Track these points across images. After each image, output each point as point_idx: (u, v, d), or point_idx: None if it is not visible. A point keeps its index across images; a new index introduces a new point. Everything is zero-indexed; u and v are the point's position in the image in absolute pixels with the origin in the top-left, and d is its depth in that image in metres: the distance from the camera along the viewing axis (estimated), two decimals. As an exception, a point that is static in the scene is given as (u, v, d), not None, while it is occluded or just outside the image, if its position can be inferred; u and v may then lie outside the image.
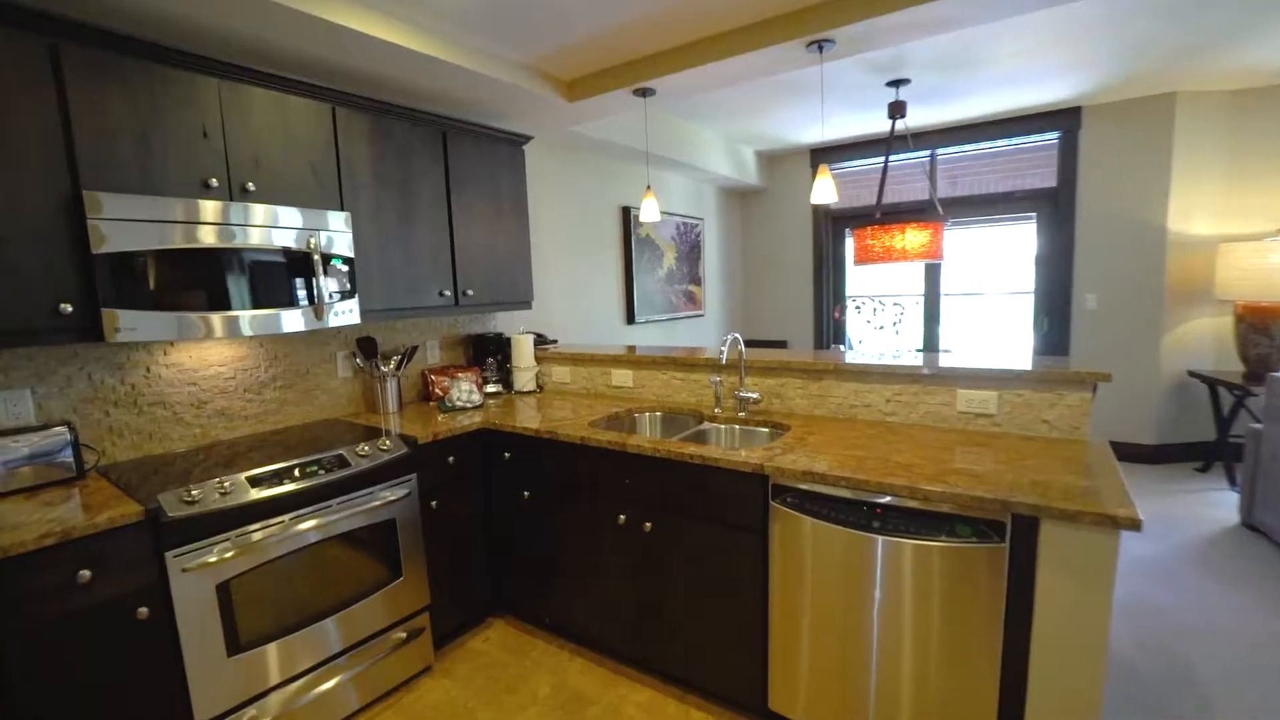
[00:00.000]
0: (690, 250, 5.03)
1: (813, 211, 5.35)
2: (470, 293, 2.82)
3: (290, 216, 2.06)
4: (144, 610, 1.57)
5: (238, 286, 1.94)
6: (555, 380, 3.16)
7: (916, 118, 4.31)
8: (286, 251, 2.05)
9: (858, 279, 5.38)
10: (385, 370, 2.67)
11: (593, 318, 4.12)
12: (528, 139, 3.06)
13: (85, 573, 1.47)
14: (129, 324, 1.71)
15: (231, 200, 1.97)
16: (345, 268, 2.24)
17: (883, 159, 3.53)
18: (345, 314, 2.25)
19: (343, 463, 2.01)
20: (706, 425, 2.40)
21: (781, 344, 5.59)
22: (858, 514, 1.64)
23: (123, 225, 1.69)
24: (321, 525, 1.92)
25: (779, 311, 5.71)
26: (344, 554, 2.01)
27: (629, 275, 4.37)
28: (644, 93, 2.83)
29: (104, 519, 1.50)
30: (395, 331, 2.90)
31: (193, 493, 1.66)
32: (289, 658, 1.87)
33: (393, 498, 2.12)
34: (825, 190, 2.45)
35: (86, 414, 1.95)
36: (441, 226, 2.68)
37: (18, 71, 1.56)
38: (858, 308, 5.39)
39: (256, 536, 1.77)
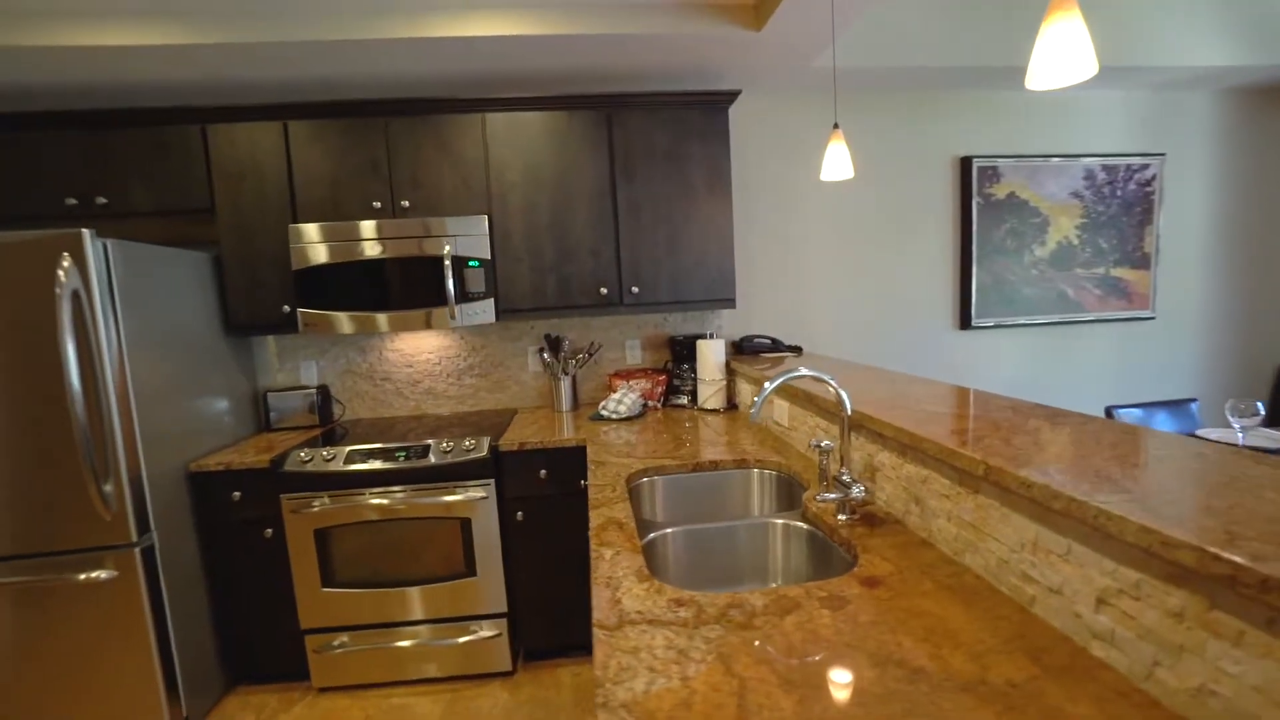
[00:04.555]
0: (1123, 210, 2.96)
1: None
2: (636, 290, 2.51)
3: (432, 226, 2.32)
4: (269, 531, 2.14)
5: (386, 290, 2.32)
6: (743, 400, 2.49)
7: None
8: (425, 258, 2.32)
9: None
10: (558, 368, 2.69)
11: (895, 318, 2.98)
12: (731, 96, 2.44)
13: (237, 494, 2.12)
14: (311, 321, 2.31)
15: (393, 217, 2.36)
16: (481, 269, 2.36)
17: None
18: (479, 314, 2.38)
19: (424, 454, 2.17)
20: (775, 518, 1.42)
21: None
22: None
23: (309, 247, 2.28)
24: (396, 506, 2.13)
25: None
26: (424, 537, 2.17)
27: (965, 257, 2.94)
28: (829, -22, 1.81)
29: (249, 459, 2.11)
30: (590, 329, 2.87)
31: (303, 455, 2.13)
32: (372, 607, 2.18)
33: (465, 498, 2.15)
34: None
35: (344, 382, 2.75)
36: (605, 218, 2.47)
37: (267, 144, 2.29)
38: None
39: (343, 500, 2.12)
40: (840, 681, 0.77)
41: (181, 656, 2.00)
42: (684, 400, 2.69)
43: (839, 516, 1.30)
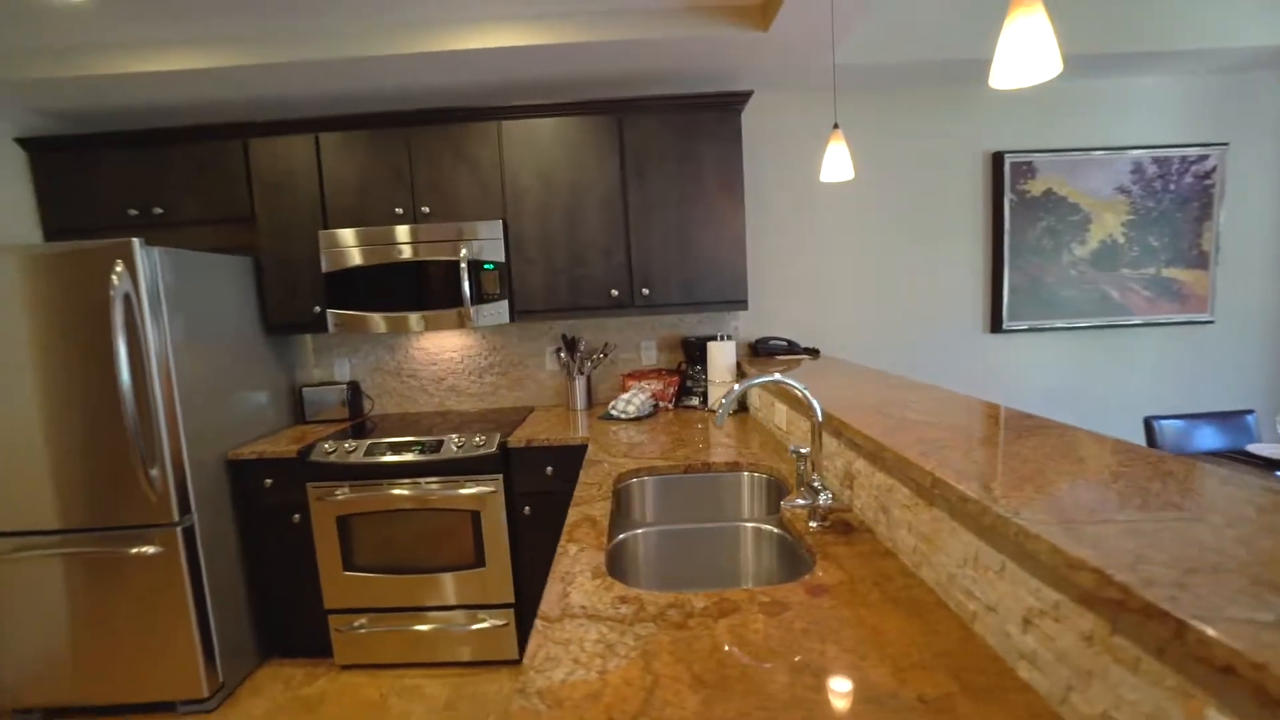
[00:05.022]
0: (1177, 205, 2.75)
1: None
2: (647, 292, 2.53)
3: (450, 231, 2.42)
4: (297, 516, 2.29)
5: (406, 292, 2.44)
6: (752, 402, 2.47)
7: None
8: (444, 261, 2.43)
9: None
10: (574, 368, 2.75)
11: (921, 320, 2.89)
12: (743, 97, 2.42)
13: (269, 480, 2.28)
14: (338, 321, 2.46)
15: (414, 223, 2.47)
16: (496, 272, 2.45)
17: None
18: (493, 315, 2.47)
19: (438, 448, 2.27)
20: (747, 521, 1.43)
21: None
22: None
23: (337, 251, 2.42)
24: (412, 497, 2.25)
25: None
26: (437, 528, 2.28)
27: (997, 257, 2.81)
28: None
29: (280, 449, 2.27)
30: (606, 330, 2.91)
31: (328, 447, 2.27)
32: (389, 591, 2.30)
33: (474, 491, 2.24)
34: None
35: (374, 379, 2.90)
36: (616, 220, 2.51)
37: (300, 156, 2.45)
38: None
39: (364, 490, 2.25)
40: (749, 685, 0.78)
41: (219, 628, 2.18)
42: (695, 402, 2.70)
43: (810, 523, 1.30)
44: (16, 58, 2.16)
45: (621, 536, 1.37)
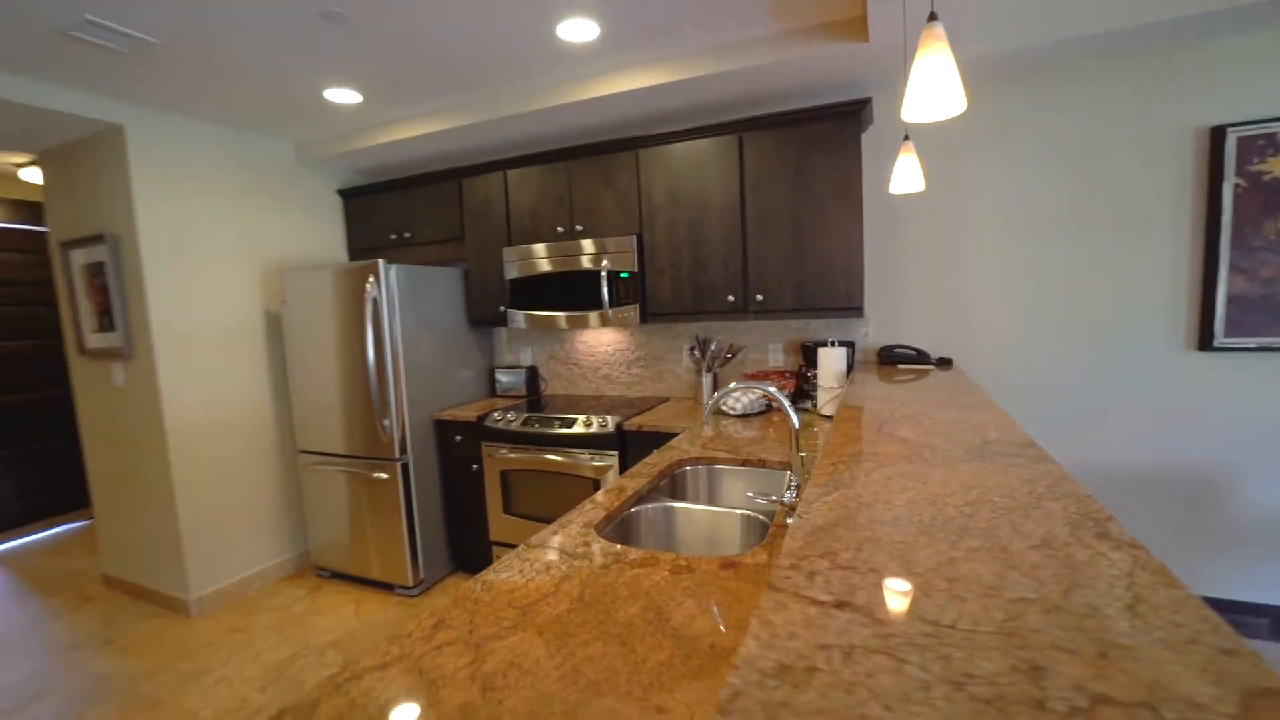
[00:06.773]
0: None
1: None
2: (761, 298, 2.68)
3: (595, 245, 2.91)
4: (475, 466, 3.03)
5: (562, 296, 3.00)
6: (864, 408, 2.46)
7: None
8: (590, 271, 2.93)
9: None
10: (703, 365, 3.03)
11: (1095, 333, 2.48)
12: (859, 105, 2.41)
13: (458, 437, 3.06)
14: (514, 320, 3.14)
15: (570, 239, 3.02)
16: (630, 280, 2.86)
17: None
18: (629, 317, 2.88)
19: (572, 425, 2.78)
20: (738, 508, 1.57)
21: None
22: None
23: (517, 263, 3.10)
24: (551, 461, 2.80)
25: None
26: (568, 490, 2.80)
27: (1210, 257, 2.26)
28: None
29: (467, 414, 3.02)
30: (736, 333, 3.11)
31: (497, 416, 2.95)
32: (532, 535, 2.90)
33: (595, 464, 2.69)
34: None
35: (549, 365, 3.57)
36: (734, 231, 2.71)
37: (494, 189, 3.18)
38: None
39: (519, 452, 2.88)
40: (607, 607, 1.04)
41: (422, 539, 3.03)
42: (809, 405, 2.76)
43: (787, 518, 1.42)
44: (333, 140, 3.28)
45: (635, 509, 1.66)
